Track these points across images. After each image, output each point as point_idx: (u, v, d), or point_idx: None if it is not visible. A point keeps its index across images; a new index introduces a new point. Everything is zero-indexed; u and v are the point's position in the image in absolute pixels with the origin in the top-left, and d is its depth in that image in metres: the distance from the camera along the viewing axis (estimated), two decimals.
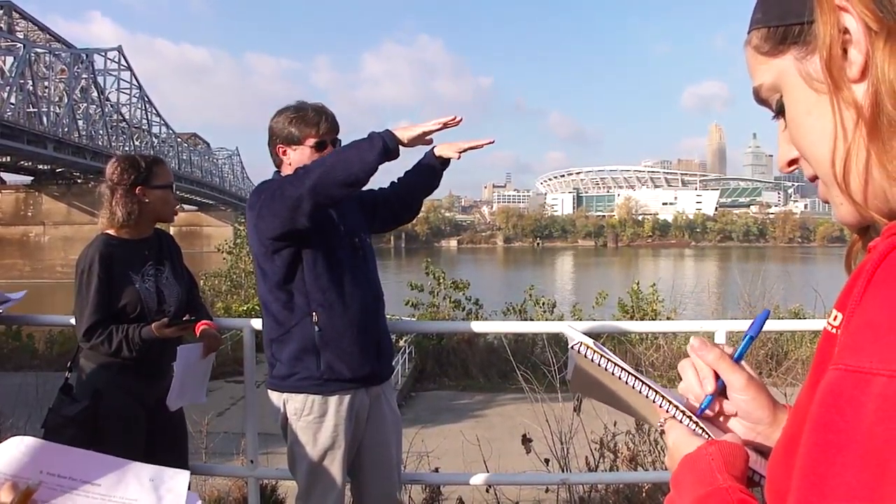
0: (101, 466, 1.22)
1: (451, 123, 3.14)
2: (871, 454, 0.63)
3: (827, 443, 0.67)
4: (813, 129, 0.82)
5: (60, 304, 29.45)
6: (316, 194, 2.99)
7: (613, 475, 5.08)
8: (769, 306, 11.75)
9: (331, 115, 3.34)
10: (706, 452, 1.03)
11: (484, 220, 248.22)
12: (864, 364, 0.66)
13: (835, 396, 0.68)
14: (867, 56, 0.72)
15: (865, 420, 0.64)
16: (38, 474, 1.15)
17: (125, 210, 3.52)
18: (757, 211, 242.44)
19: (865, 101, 0.73)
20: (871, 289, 0.72)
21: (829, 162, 0.79)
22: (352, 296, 3.23)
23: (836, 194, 0.81)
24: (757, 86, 0.90)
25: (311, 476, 3.26)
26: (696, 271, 79.55)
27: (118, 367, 3.45)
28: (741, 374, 1.15)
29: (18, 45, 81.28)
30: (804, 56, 0.81)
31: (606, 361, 1.20)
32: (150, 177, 3.60)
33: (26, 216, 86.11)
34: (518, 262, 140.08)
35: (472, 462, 5.47)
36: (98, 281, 3.41)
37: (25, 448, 1.16)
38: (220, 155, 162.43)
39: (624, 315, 15.71)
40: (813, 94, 0.81)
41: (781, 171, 0.95)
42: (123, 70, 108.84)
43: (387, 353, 3.45)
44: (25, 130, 76.77)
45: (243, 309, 18.10)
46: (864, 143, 0.74)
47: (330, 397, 3.21)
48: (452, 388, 14.96)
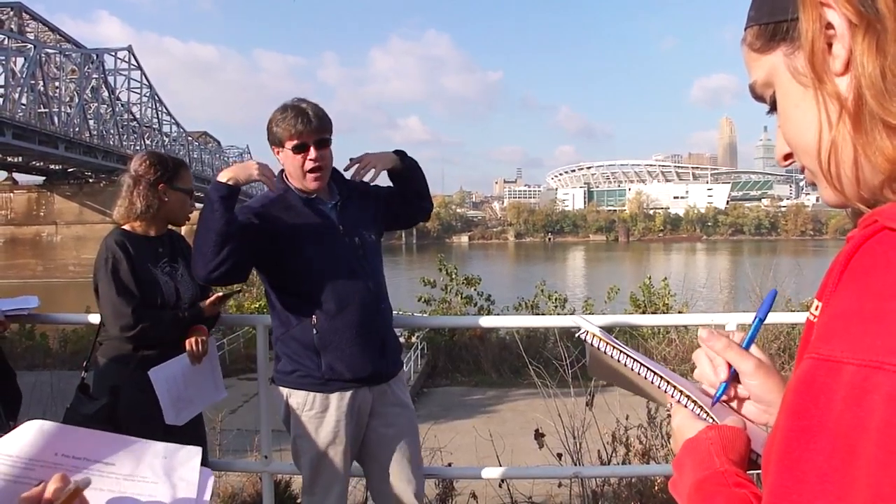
0: (114, 446, 1.24)
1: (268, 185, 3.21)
2: (840, 439, 0.65)
3: (800, 428, 0.69)
4: (800, 122, 0.84)
5: (73, 302, 29.55)
6: (211, 272, 3.08)
7: (626, 468, 5.10)
8: (781, 300, 11.74)
9: (311, 116, 3.21)
10: (706, 437, 1.07)
11: (495, 216, 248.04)
12: (835, 353, 0.69)
13: (807, 384, 0.70)
14: (850, 50, 0.74)
15: (835, 407, 0.66)
16: (53, 456, 1.17)
17: (145, 203, 3.54)
18: (768, 204, 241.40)
19: (849, 94, 0.75)
20: (845, 279, 0.75)
21: (815, 152, 0.81)
22: (350, 296, 3.23)
23: (822, 181, 0.84)
24: (752, 82, 0.93)
25: (313, 470, 3.29)
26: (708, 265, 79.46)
27: (136, 363, 3.46)
28: (750, 360, 1.19)
29: (29, 45, 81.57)
30: (792, 52, 0.84)
31: (614, 350, 1.24)
32: (174, 177, 3.64)
33: (38, 216, 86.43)
34: (529, 257, 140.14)
35: (485, 457, 5.49)
36: (126, 267, 3.43)
37: (40, 431, 1.18)
38: (230, 153, 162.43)
39: (636, 309, 15.67)
40: (800, 88, 0.83)
41: (779, 164, 0.98)
42: (133, 69, 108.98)
43: (393, 351, 3.42)
44: (37, 131, 76.98)
45: (255, 307, 18.08)
46: (849, 135, 0.76)
47: (331, 394, 3.23)
48: (465, 384, 14.98)
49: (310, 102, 3.27)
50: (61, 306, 30.33)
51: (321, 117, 3.23)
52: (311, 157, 3.19)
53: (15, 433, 1.17)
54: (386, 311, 3.40)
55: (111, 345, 3.51)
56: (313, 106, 3.25)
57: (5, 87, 76.34)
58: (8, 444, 1.16)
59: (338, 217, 3.29)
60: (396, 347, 3.48)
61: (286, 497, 5.18)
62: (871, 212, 0.77)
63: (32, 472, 1.14)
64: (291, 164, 3.22)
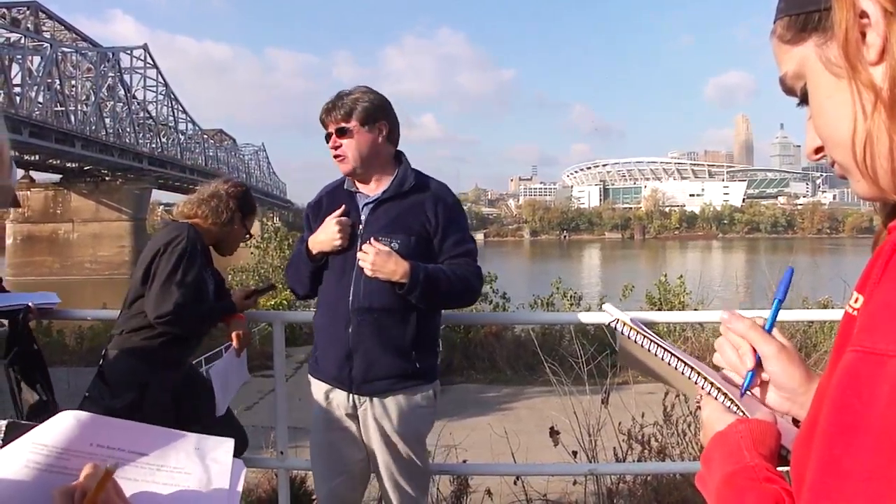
0: (147, 437, 1.24)
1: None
2: (885, 435, 0.63)
3: (843, 424, 0.67)
4: (833, 113, 0.82)
5: (89, 299, 29.76)
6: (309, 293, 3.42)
7: (641, 466, 5.07)
8: (797, 298, 11.69)
9: (331, 106, 3.21)
10: (736, 430, 1.05)
11: (510, 213, 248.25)
12: (880, 346, 0.67)
13: (851, 378, 0.68)
14: (885, 38, 0.73)
15: (881, 402, 0.64)
16: (88, 447, 1.17)
17: (228, 216, 3.71)
18: (785, 202, 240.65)
19: (884, 83, 0.74)
20: (890, 270, 0.73)
21: (850, 144, 0.79)
22: (329, 297, 3.28)
23: (855, 173, 0.82)
24: (783, 74, 0.91)
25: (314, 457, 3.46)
26: (724, 263, 79.16)
27: (164, 362, 3.53)
28: (772, 344, 1.16)
29: (45, 44, 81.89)
30: (824, 42, 0.82)
31: (643, 339, 1.24)
32: (249, 215, 3.84)
33: (55, 214, 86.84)
34: (545, 254, 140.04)
35: (500, 454, 5.47)
36: (199, 265, 3.51)
37: (75, 421, 1.18)
38: (246, 151, 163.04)
39: (651, 307, 15.64)
40: (833, 78, 0.81)
41: (808, 158, 0.96)
42: (149, 68, 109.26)
43: (366, 364, 3.17)
44: (53, 129, 77.34)
45: (271, 304, 18.12)
46: (885, 125, 0.74)
47: (315, 380, 3.33)
48: (480, 382, 14.95)
49: (350, 91, 3.25)
50: (78, 304, 30.52)
51: (342, 107, 3.20)
52: (331, 145, 3.22)
53: (50, 423, 1.18)
54: (369, 322, 3.16)
55: (137, 339, 3.52)
56: (345, 95, 3.24)
57: (22, 85, 76.62)
58: (43, 434, 1.16)
59: (367, 215, 3.25)
60: (376, 362, 3.18)
61: (301, 493, 5.18)
62: None
63: (68, 461, 1.15)
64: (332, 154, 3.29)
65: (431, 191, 3.28)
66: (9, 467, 1.13)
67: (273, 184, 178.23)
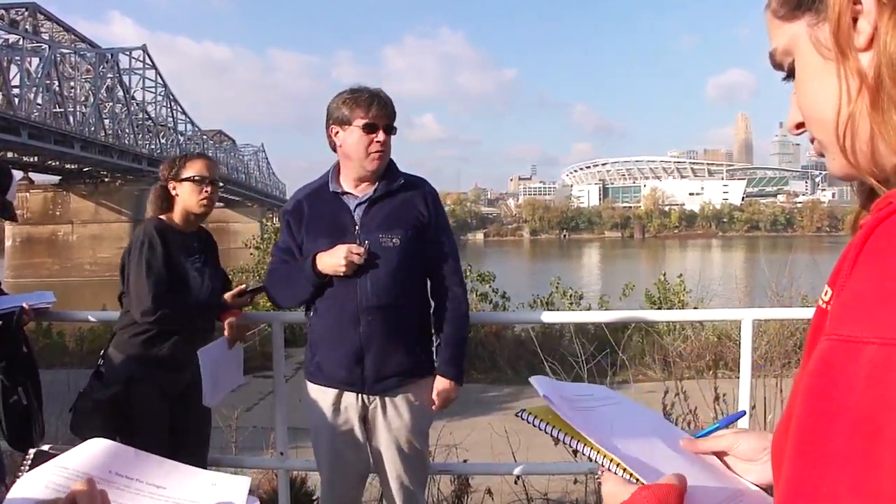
0: (166, 471, 1.28)
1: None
2: (862, 420, 0.64)
3: (819, 411, 0.68)
4: (817, 93, 0.84)
5: (89, 301, 29.70)
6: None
7: None
8: (797, 296, 11.63)
9: (386, 101, 3.29)
10: (640, 497, 1.06)
11: (510, 213, 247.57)
12: (854, 333, 0.68)
13: (826, 365, 0.69)
14: (875, 27, 0.74)
15: (857, 387, 0.65)
16: (107, 473, 1.21)
17: (160, 192, 3.75)
18: (784, 200, 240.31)
19: (870, 70, 0.75)
20: (860, 263, 0.74)
21: (833, 124, 0.81)
22: (335, 298, 3.27)
23: (833, 151, 0.84)
24: (772, 49, 0.93)
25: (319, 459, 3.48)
26: (724, 262, 79.17)
27: (148, 359, 3.56)
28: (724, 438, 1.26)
29: (44, 45, 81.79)
30: (816, 23, 0.84)
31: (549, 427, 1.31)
32: (180, 170, 3.74)
33: (55, 215, 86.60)
34: (544, 254, 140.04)
35: (501, 454, 5.47)
36: (159, 252, 3.52)
37: (101, 449, 1.24)
38: (245, 151, 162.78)
39: (651, 306, 15.63)
40: (820, 59, 0.83)
41: (790, 132, 0.99)
42: (148, 69, 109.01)
43: (378, 362, 3.24)
44: (52, 130, 77.21)
45: (270, 304, 18.11)
46: (867, 111, 0.76)
47: (318, 386, 3.34)
48: (481, 381, 14.93)
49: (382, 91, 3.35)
50: (77, 305, 30.45)
51: (392, 106, 3.32)
52: (379, 139, 3.25)
53: (79, 448, 1.23)
54: (380, 320, 3.23)
55: (125, 336, 3.60)
56: (384, 94, 3.33)
57: (20, 87, 76.44)
58: (69, 458, 1.21)
59: (360, 216, 3.28)
60: (388, 359, 3.27)
61: (302, 493, 5.18)
62: (884, 195, 0.77)
63: None
64: (357, 142, 3.26)
65: (417, 186, 3.39)
66: (29, 489, 1.16)
67: (272, 184, 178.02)
